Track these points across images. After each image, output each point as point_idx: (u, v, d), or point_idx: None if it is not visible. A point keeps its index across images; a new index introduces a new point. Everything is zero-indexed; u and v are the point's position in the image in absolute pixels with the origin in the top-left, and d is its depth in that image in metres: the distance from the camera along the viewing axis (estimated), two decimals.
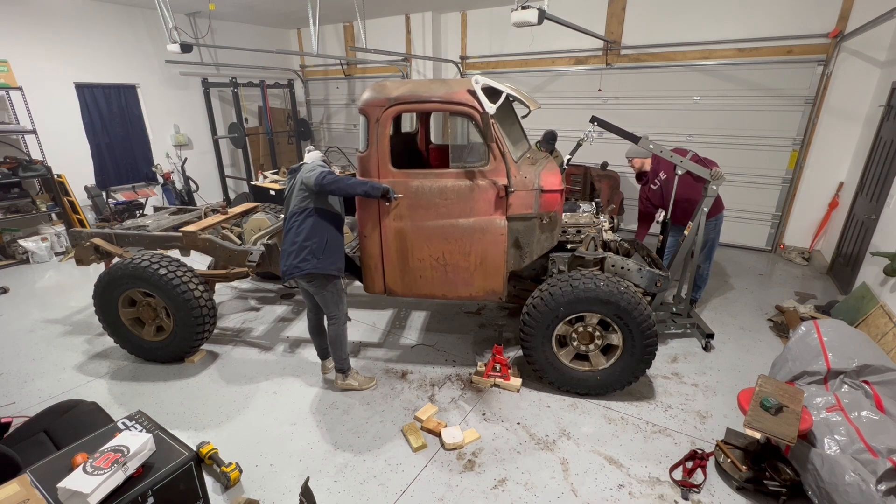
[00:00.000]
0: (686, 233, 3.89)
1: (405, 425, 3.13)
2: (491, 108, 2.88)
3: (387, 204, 3.22)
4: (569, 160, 4.30)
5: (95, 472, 1.74)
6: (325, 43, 9.36)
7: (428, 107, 3.12)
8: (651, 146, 3.72)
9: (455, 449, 2.95)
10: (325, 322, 3.45)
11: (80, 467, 1.77)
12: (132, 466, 1.83)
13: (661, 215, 4.27)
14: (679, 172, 3.81)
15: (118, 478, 1.78)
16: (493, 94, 3.00)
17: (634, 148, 3.99)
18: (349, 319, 3.92)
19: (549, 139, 5.77)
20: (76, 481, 1.72)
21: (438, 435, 3.03)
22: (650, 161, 4.31)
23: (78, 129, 7.03)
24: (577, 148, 4.12)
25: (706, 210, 3.75)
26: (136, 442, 1.88)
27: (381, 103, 3.12)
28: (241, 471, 2.73)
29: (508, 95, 3.04)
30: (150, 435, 1.97)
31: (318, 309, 3.48)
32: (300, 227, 3.09)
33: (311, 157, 3.26)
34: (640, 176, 4.50)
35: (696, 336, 4.21)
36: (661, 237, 4.22)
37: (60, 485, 1.72)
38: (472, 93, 2.98)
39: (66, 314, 4.82)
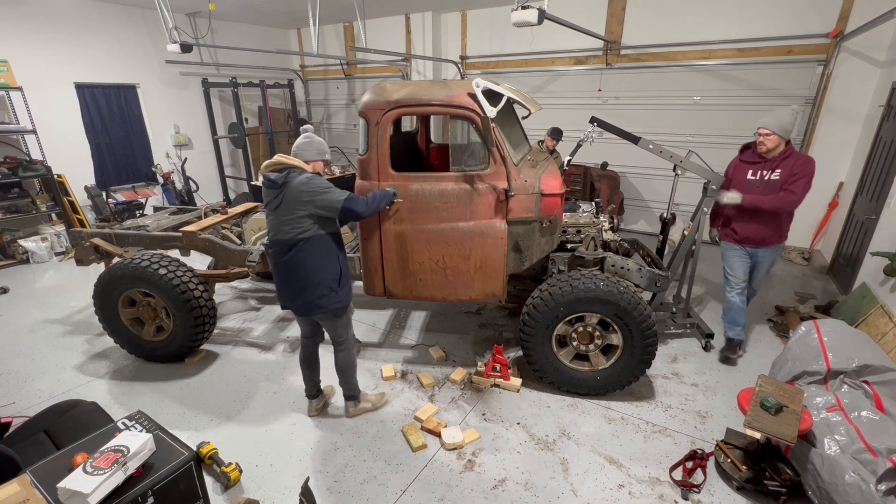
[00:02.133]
0: (686, 233, 3.89)
1: (405, 425, 3.13)
2: (492, 111, 2.87)
3: (387, 207, 3.19)
4: (569, 161, 4.30)
5: (95, 472, 1.74)
6: (325, 43, 9.36)
7: (428, 110, 3.11)
8: (651, 146, 3.72)
9: (455, 449, 2.95)
10: (333, 352, 3.10)
11: (80, 467, 1.77)
12: (132, 466, 1.83)
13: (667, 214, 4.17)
14: (678, 172, 3.81)
15: (118, 478, 1.78)
16: (493, 97, 2.99)
17: (778, 121, 3.26)
18: (359, 342, 3.67)
19: (556, 133, 5.75)
20: (76, 481, 1.72)
21: (438, 435, 3.03)
22: (782, 145, 3.37)
23: (78, 129, 7.03)
24: (577, 149, 4.13)
25: (706, 210, 3.76)
26: (136, 442, 1.88)
27: (381, 106, 3.11)
28: (241, 471, 2.73)
29: (509, 98, 3.03)
30: (150, 435, 1.97)
31: (316, 334, 3.11)
32: (308, 259, 2.66)
33: (306, 147, 2.73)
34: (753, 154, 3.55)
35: (696, 336, 4.21)
36: (661, 237, 4.21)
37: (60, 485, 1.72)
38: (473, 96, 2.96)
39: (66, 314, 4.82)
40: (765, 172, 3.40)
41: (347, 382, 3.19)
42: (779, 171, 3.35)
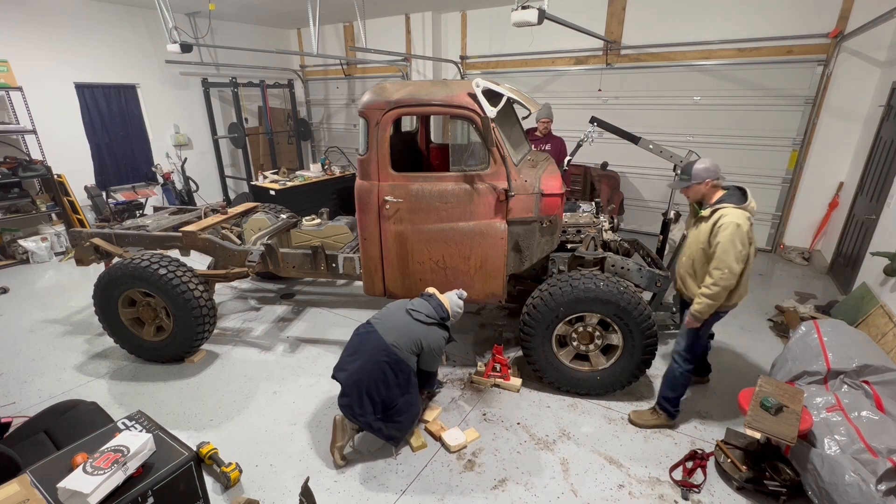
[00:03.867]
0: (686, 233, 3.89)
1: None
2: (492, 111, 2.87)
3: (386, 207, 3.19)
4: (569, 161, 4.30)
5: (95, 472, 1.75)
6: (325, 43, 9.36)
7: (428, 110, 3.11)
8: (651, 146, 3.73)
9: (459, 451, 2.94)
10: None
11: (80, 467, 1.78)
12: (132, 466, 1.84)
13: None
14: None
15: (118, 478, 1.78)
16: (493, 97, 2.99)
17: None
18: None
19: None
20: (76, 481, 1.72)
21: (439, 439, 3.01)
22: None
23: (78, 129, 7.03)
24: (577, 148, 4.13)
25: None
26: (136, 442, 1.89)
27: (381, 106, 3.11)
28: (241, 471, 2.72)
29: (509, 98, 3.03)
30: (150, 435, 1.97)
31: None
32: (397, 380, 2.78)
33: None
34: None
35: None
36: (661, 237, 4.22)
37: (60, 485, 1.72)
38: (473, 96, 2.97)
39: (66, 314, 4.82)
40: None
41: None
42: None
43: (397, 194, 3.22)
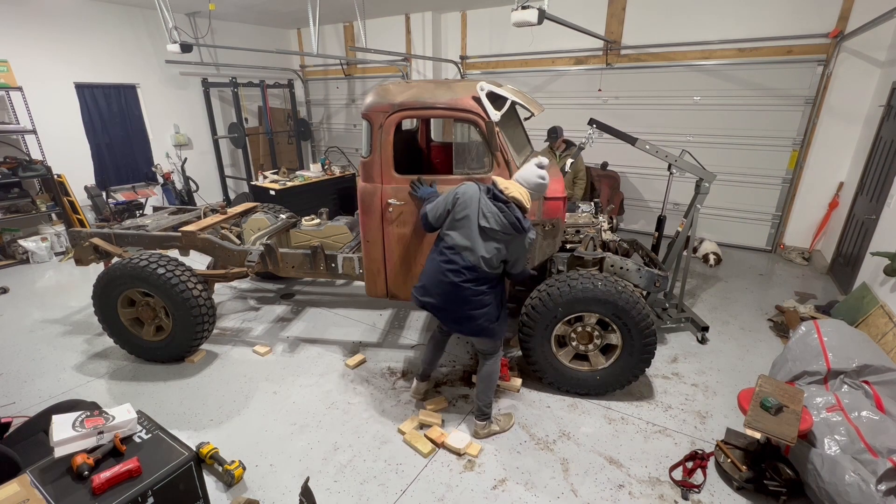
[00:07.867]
0: (680, 229, 3.93)
1: (405, 425, 3.13)
2: (496, 115, 2.87)
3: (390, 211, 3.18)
4: (572, 163, 4.30)
5: (77, 428, 1.95)
6: (325, 43, 9.36)
7: (432, 113, 3.10)
8: (647, 147, 3.74)
9: (465, 454, 2.91)
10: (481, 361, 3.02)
11: (73, 419, 1.98)
12: (107, 437, 1.99)
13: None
14: (673, 172, 3.86)
15: (89, 442, 1.95)
16: (497, 100, 2.99)
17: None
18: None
19: (551, 135, 5.68)
20: (59, 428, 1.95)
21: (441, 445, 2.97)
22: None
23: (78, 129, 7.02)
24: (578, 151, 4.13)
25: (699, 207, 3.79)
26: (120, 416, 2.08)
27: (385, 109, 3.10)
28: (244, 468, 2.72)
29: (512, 101, 3.03)
30: (135, 416, 2.13)
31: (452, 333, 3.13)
32: (490, 293, 2.69)
33: (543, 190, 2.70)
34: None
35: (691, 329, 4.21)
36: (657, 234, 4.24)
37: (53, 419, 2.00)
38: (477, 100, 2.96)
39: (65, 314, 4.82)
40: None
41: (484, 397, 3.00)
42: None
43: (400, 197, 3.21)
